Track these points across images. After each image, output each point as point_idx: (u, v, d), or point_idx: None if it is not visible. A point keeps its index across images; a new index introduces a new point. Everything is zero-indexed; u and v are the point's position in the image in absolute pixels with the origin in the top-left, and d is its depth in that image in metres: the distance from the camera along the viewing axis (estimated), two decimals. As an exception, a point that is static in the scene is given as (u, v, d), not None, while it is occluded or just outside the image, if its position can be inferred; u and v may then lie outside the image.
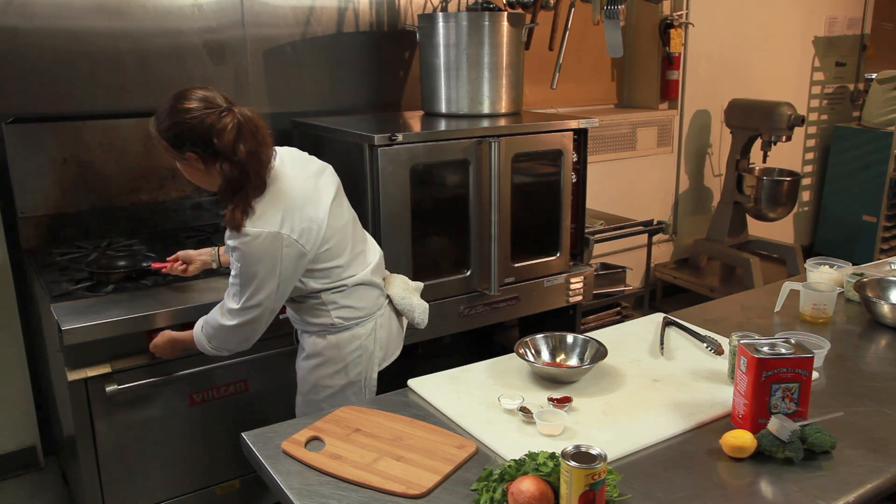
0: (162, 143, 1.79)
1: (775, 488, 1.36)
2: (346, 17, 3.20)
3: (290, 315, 2.09)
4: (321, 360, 2.01)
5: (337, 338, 1.99)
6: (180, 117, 1.75)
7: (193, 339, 1.97)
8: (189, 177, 1.87)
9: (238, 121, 1.76)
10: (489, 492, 1.30)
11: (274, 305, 1.88)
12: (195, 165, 1.80)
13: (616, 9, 3.02)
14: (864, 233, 5.11)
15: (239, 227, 1.74)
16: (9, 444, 2.85)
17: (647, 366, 1.85)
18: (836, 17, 5.19)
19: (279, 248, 1.79)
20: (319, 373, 2.01)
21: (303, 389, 2.07)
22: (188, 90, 1.80)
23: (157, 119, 1.79)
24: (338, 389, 2.02)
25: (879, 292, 2.20)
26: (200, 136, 1.74)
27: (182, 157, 1.79)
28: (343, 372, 2.01)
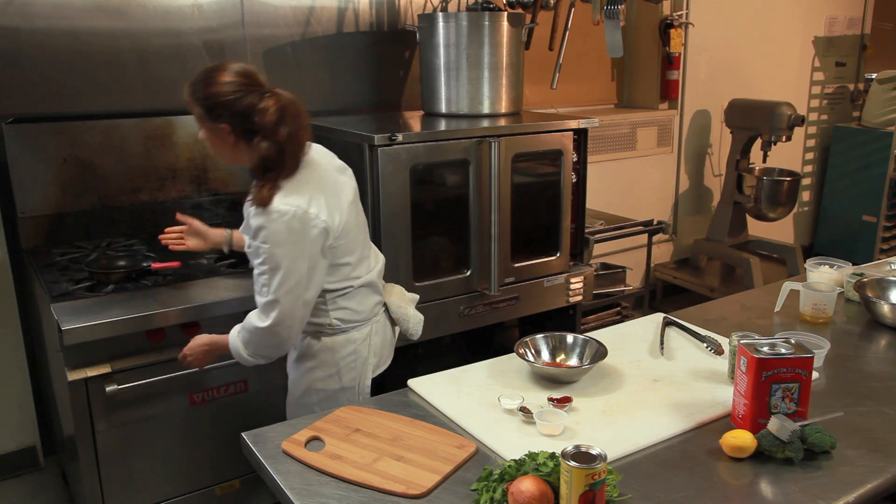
0: (197, 108, 1.81)
1: (775, 488, 1.36)
2: (346, 17, 3.20)
3: None
4: (315, 363, 1.98)
5: (332, 340, 1.97)
6: (222, 88, 1.77)
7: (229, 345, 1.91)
8: (212, 145, 1.87)
9: (282, 104, 1.78)
10: (489, 492, 1.30)
11: (307, 296, 1.82)
12: (224, 137, 1.81)
13: (616, 9, 3.02)
14: (864, 233, 5.11)
15: (267, 203, 1.73)
16: (9, 444, 2.85)
17: (647, 366, 1.85)
18: (836, 17, 5.19)
19: (306, 227, 1.77)
20: (312, 376, 1.99)
21: (295, 392, 2.03)
22: (230, 62, 1.83)
23: (195, 86, 1.80)
24: (331, 394, 1.98)
25: (879, 292, 2.20)
26: (240, 110, 1.77)
27: (215, 126, 1.80)
28: (336, 376, 1.98)
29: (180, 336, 2.15)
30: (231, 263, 2.48)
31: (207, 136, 1.85)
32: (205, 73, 1.81)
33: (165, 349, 2.14)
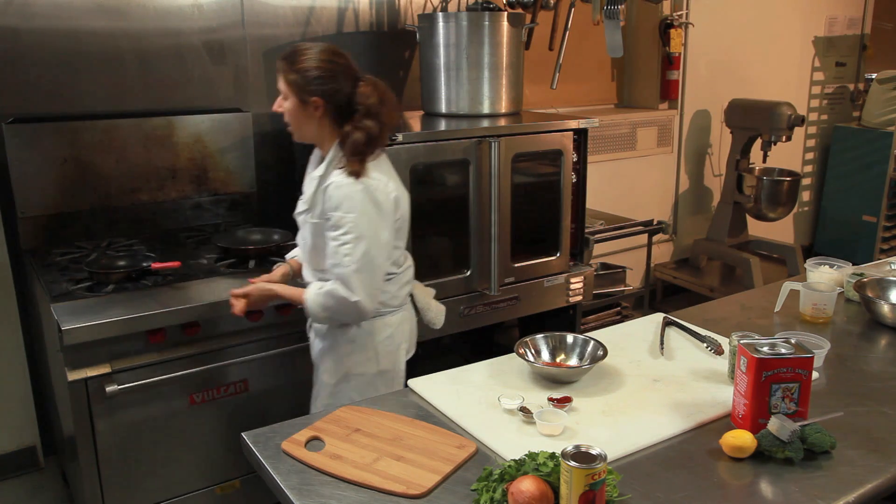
0: (291, 78, 1.90)
1: (775, 488, 1.36)
2: (346, 17, 3.20)
3: None
4: (352, 348, 2.04)
5: (371, 324, 2.03)
6: (322, 64, 1.90)
7: (302, 300, 1.97)
8: (293, 118, 1.95)
9: (381, 87, 1.97)
10: (489, 492, 1.30)
11: (384, 267, 1.96)
12: (311, 112, 1.92)
13: (616, 9, 3.02)
14: (864, 233, 5.11)
15: (360, 175, 1.87)
16: (9, 444, 2.85)
17: (647, 366, 1.85)
18: (836, 17, 5.19)
19: (388, 200, 1.93)
20: (351, 361, 2.05)
21: (330, 381, 2.07)
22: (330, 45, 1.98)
23: (292, 57, 1.92)
24: (369, 379, 2.06)
25: (879, 292, 2.20)
26: (337, 88, 1.91)
27: (306, 99, 1.90)
28: (374, 360, 2.05)
29: (180, 336, 2.16)
30: (231, 263, 2.48)
31: (293, 108, 1.93)
32: (302, 47, 1.93)
33: (165, 349, 2.14)
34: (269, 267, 2.46)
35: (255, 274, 2.39)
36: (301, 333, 2.35)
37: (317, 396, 2.13)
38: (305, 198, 2.01)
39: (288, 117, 1.97)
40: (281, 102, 1.96)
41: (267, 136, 3.12)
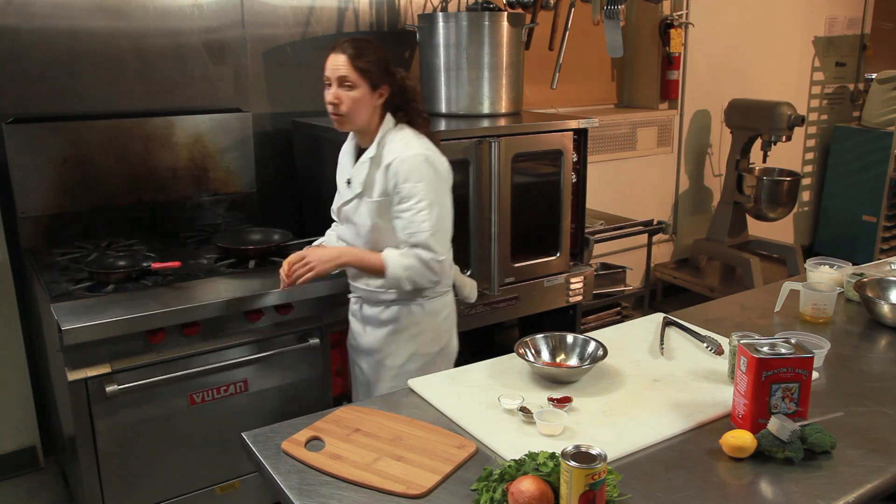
0: (362, 65, 1.99)
1: (775, 488, 1.36)
2: (346, 17, 3.20)
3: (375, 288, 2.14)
4: (418, 329, 2.14)
5: (433, 304, 2.14)
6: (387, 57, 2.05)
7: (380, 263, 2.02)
8: (358, 106, 2.02)
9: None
10: (489, 492, 1.30)
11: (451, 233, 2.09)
12: (376, 100, 2.04)
13: (616, 9, 3.02)
14: (864, 233, 5.11)
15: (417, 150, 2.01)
16: (9, 444, 2.85)
17: (647, 366, 1.84)
18: (836, 17, 5.19)
19: (446, 169, 2.08)
20: (416, 342, 2.15)
21: (395, 363, 2.13)
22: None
23: (364, 47, 2.02)
24: (431, 358, 2.16)
25: (879, 292, 2.20)
26: (399, 79, 2.08)
27: (376, 87, 2.02)
28: (437, 339, 2.18)
29: (180, 336, 2.16)
30: (231, 263, 2.48)
31: (361, 96, 2.01)
32: (360, 38, 2.06)
33: (165, 349, 2.14)
34: (268, 267, 2.46)
35: (256, 274, 2.40)
36: (301, 333, 2.35)
37: (374, 382, 2.19)
38: (357, 183, 2.08)
39: (349, 105, 2.01)
40: (339, 93, 2.01)
41: (267, 136, 3.12)
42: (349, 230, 2.17)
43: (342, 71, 2.00)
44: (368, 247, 2.11)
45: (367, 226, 2.09)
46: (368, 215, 2.07)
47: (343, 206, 2.15)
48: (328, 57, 2.04)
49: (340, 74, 2.00)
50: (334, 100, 2.02)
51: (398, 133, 2.07)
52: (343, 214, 2.17)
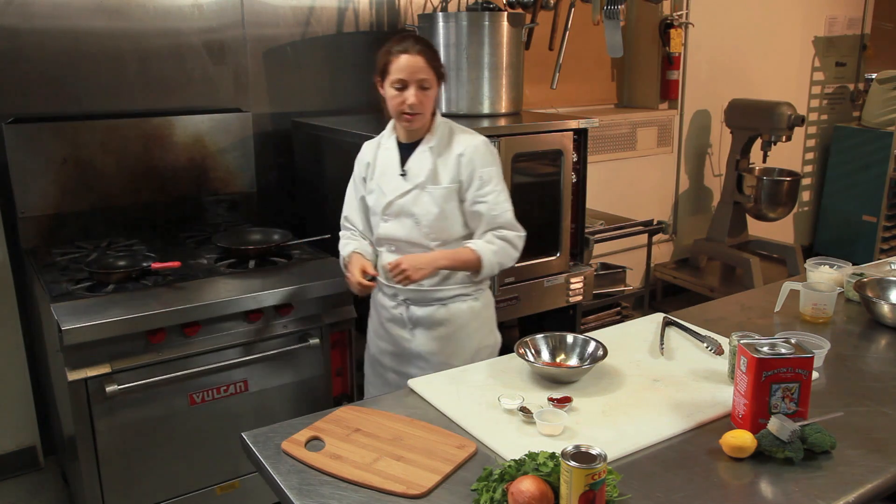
0: (437, 64, 2.03)
1: (775, 488, 1.36)
2: (346, 17, 3.20)
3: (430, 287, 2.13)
4: (479, 323, 2.20)
5: (486, 295, 2.22)
6: None
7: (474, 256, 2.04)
8: (431, 104, 2.05)
9: None
10: (489, 492, 1.30)
11: None
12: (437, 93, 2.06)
13: (616, 9, 3.02)
14: (864, 233, 5.11)
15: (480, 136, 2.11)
16: (9, 444, 2.85)
17: (647, 366, 1.84)
18: (836, 17, 5.19)
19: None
20: (480, 335, 2.20)
21: (461, 362, 2.09)
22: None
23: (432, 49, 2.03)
24: (492, 349, 2.23)
25: (879, 292, 2.20)
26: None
27: (440, 82, 2.05)
28: (492, 329, 2.26)
29: (180, 336, 2.16)
30: (231, 263, 2.48)
31: (434, 94, 2.04)
32: (427, 40, 2.07)
33: (165, 349, 2.14)
34: (268, 267, 2.46)
35: (256, 274, 2.40)
36: (301, 333, 2.35)
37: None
38: (419, 173, 2.07)
39: (427, 105, 2.03)
40: (419, 94, 1.99)
41: (267, 136, 3.12)
42: (403, 224, 2.11)
43: (422, 73, 1.98)
44: (431, 238, 2.08)
45: (432, 214, 2.06)
46: (434, 203, 2.06)
47: (398, 200, 2.09)
48: (397, 58, 1.98)
49: (420, 77, 1.98)
50: (415, 101, 1.99)
51: (442, 120, 2.11)
52: (396, 208, 2.10)
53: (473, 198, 2.07)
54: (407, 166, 2.10)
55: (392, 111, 2.05)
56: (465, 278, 2.14)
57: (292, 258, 2.56)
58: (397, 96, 2.00)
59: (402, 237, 2.12)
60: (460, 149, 2.06)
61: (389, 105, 2.04)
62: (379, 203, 2.13)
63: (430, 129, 2.09)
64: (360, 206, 2.23)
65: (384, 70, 2.02)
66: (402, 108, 2.00)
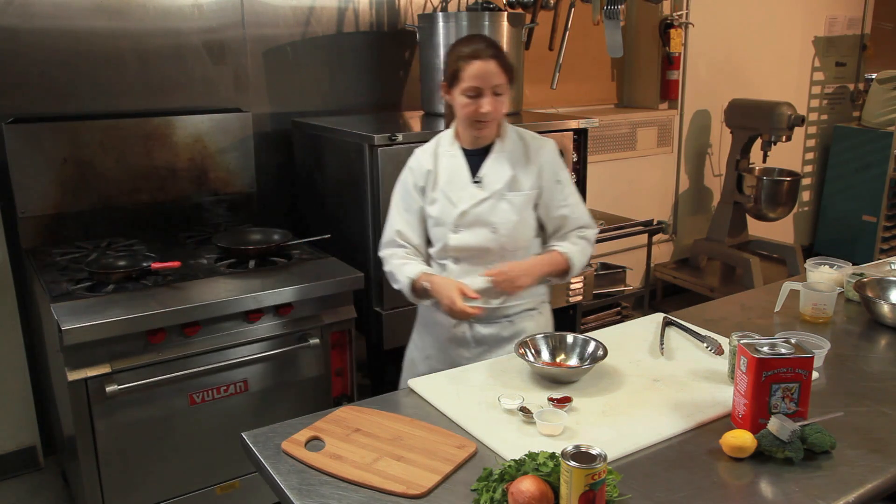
0: (512, 72, 1.96)
1: (775, 488, 1.36)
2: (346, 17, 3.20)
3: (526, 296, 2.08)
4: (541, 321, 2.15)
5: (548, 309, 2.18)
6: None
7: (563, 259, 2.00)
8: (502, 107, 1.96)
9: None
10: (489, 492, 1.30)
11: None
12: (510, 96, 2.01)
13: (616, 9, 3.02)
14: (864, 233, 5.11)
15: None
16: (9, 444, 2.85)
17: (647, 366, 1.84)
18: (836, 17, 5.19)
19: None
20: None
21: None
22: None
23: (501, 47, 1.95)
24: None
25: (879, 292, 2.20)
26: None
27: (512, 85, 1.98)
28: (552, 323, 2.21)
29: (180, 336, 2.16)
30: (231, 263, 2.48)
31: (508, 98, 1.97)
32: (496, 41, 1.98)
33: (165, 349, 2.14)
34: (268, 267, 2.46)
35: (256, 274, 2.40)
36: (301, 333, 2.35)
37: None
38: (497, 179, 1.99)
39: (501, 112, 1.96)
40: (494, 100, 1.91)
41: (267, 136, 3.12)
42: (478, 234, 2.00)
43: (496, 79, 1.90)
44: (507, 246, 2.00)
45: (511, 222, 1.99)
46: (514, 210, 1.99)
47: (473, 209, 1.98)
48: (469, 64, 1.89)
49: (495, 83, 1.90)
50: (490, 109, 1.90)
51: (508, 124, 2.05)
52: (471, 217, 1.99)
53: (556, 203, 2.03)
54: (481, 173, 2.00)
55: (463, 119, 1.96)
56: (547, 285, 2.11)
57: (292, 258, 2.56)
58: (470, 104, 1.91)
59: (475, 246, 2.01)
60: (537, 153, 2.02)
61: (460, 112, 1.95)
62: (448, 213, 2.00)
63: (500, 133, 2.02)
64: (415, 218, 2.06)
65: (454, 77, 1.92)
66: (475, 115, 1.92)
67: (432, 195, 2.03)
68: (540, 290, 2.13)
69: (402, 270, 2.01)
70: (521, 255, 2.03)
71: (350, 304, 2.45)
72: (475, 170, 2.01)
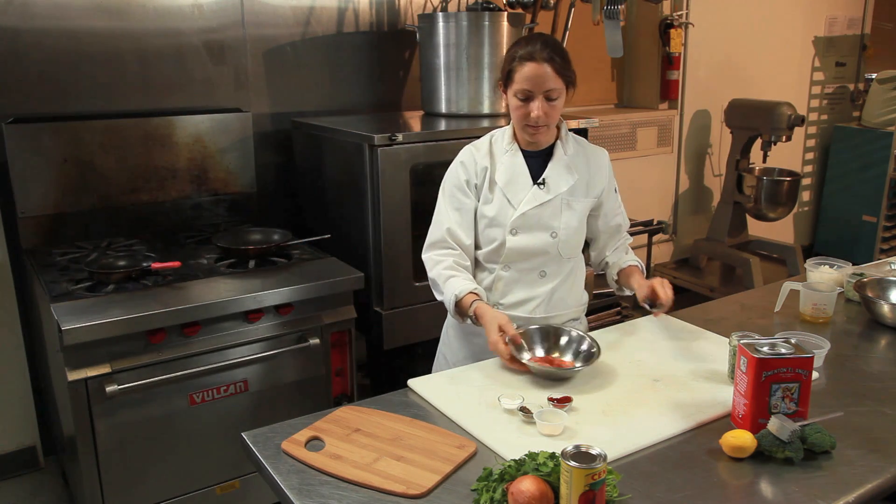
0: (569, 72, 1.91)
1: (775, 488, 1.36)
2: (346, 17, 3.20)
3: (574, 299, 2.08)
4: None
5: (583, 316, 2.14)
6: None
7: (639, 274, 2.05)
8: (558, 112, 1.91)
9: None
10: (489, 492, 1.30)
11: None
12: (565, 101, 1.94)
13: (616, 9, 3.02)
14: (864, 233, 5.11)
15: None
16: (9, 444, 2.85)
17: (647, 366, 1.84)
18: (836, 17, 5.19)
19: None
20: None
21: None
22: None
23: (562, 50, 1.92)
24: None
25: (879, 292, 2.20)
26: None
27: (570, 89, 1.93)
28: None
29: (180, 336, 2.16)
30: (231, 263, 2.48)
31: (562, 103, 1.91)
32: (551, 37, 1.94)
33: (165, 349, 2.14)
34: (268, 267, 2.46)
35: (256, 274, 2.40)
36: (301, 333, 2.35)
37: None
38: (563, 182, 1.94)
39: (554, 117, 1.89)
40: (545, 106, 1.85)
41: (267, 136, 3.12)
42: (537, 237, 1.93)
43: (550, 83, 1.83)
44: (565, 254, 1.96)
45: (572, 228, 1.94)
46: (576, 217, 1.95)
47: (533, 210, 1.92)
48: (522, 66, 1.83)
49: (548, 87, 1.83)
50: (540, 114, 1.84)
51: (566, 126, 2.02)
52: (531, 220, 1.93)
53: (613, 211, 2.07)
54: (546, 175, 1.94)
55: (515, 122, 1.91)
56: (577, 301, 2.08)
57: (292, 258, 2.56)
58: (521, 107, 1.85)
59: (532, 250, 1.94)
60: (598, 161, 2.03)
61: (513, 115, 1.89)
62: (506, 214, 1.93)
63: (560, 136, 1.97)
64: (466, 217, 1.97)
65: (508, 77, 1.87)
66: (526, 119, 1.86)
67: (488, 195, 1.95)
68: (583, 300, 2.10)
69: (448, 284, 1.92)
70: (573, 264, 2.01)
71: (350, 304, 2.45)
72: (534, 171, 1.95)
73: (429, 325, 2.24)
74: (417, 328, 2.66)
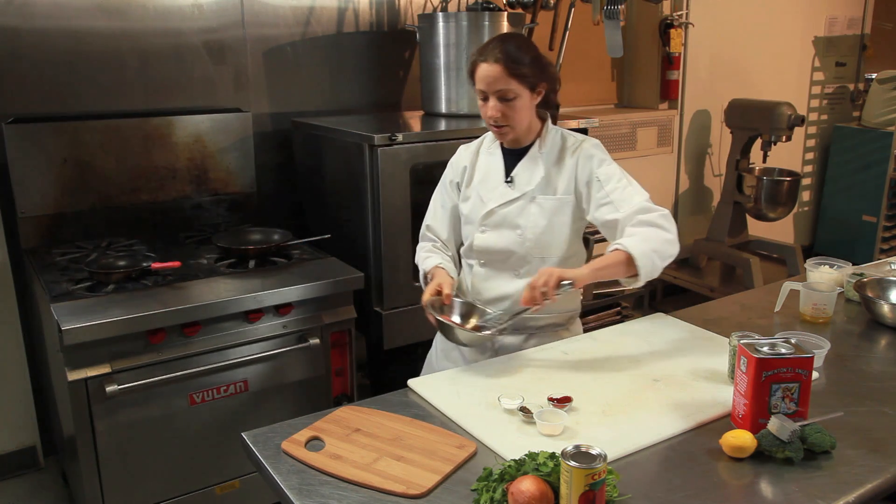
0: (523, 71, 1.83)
1: (775, 488, 1.36)
2: (346, 17, 3.20)
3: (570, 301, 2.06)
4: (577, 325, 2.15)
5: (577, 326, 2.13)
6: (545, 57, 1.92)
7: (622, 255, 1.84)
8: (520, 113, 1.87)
9: None
10: (489, 492, 1.30)
11: None
12: (534, 100, 1.89)
13: (616, 9, 3.02)
14: (864, 233, 5.11)
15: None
16: (9, 444, 2.85)
17: (647, 366, 1.84)
18: (836, 17, 5.19)
19: None
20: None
21: None
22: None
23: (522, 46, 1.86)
24: None
25: (879, 292, 2.20)
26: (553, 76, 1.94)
27: (535, 89, 1.88)
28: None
29: (180, 336, 2.16)
30: (231, 263, 2.48)
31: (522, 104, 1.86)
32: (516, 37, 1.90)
33: (165, 349, 2.14)
34: (268, 267, 2.46)
35: (256, 274, 2.40)
36: (301, 333, 2.35)
37: None
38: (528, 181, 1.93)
39: (512, 118, 1.86)
40: (499, 107, 1.84)
41: (267, 136, 3.12)
42: (504, 235, 1.95)
43: (499, 84, 1.82)
44: (536, 253, 1.94)
45: (539, 227, 1.92)
46: (543, 215, 1.92)
47: (500, 208, 1.94)
48: (477, 67, 1.85)
49: (498, 88, 1.83)
50: (496, 114, 1.85)
51: (552, 127, 1.99)
52: (497, 218, 1.95)
53: (598, 202, 1.89)
54: (514, 173, 1.95)
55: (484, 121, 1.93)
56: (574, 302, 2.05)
57: (292, 258, 2.56)
58: (482, 106, 1.88)
59: (499, 249, 1.96)
60: (571, 155, 1.93)
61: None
62: (477, 211, 1.97)
63: (541, 134, 1.96)
64: (447, 214, 2.07)
65: (470, 76, 1.89)
66: (486, 119, 1.89)
67: (466, 192, 2.01)
68: (570, 306, 2.06)
69: (423, 262, 2.06)
70: (552, 265, 1.92)
71: (350, 304, 2.45)
72: (510, 169, 1.97)
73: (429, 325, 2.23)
74: (417, 328, 2.66)
